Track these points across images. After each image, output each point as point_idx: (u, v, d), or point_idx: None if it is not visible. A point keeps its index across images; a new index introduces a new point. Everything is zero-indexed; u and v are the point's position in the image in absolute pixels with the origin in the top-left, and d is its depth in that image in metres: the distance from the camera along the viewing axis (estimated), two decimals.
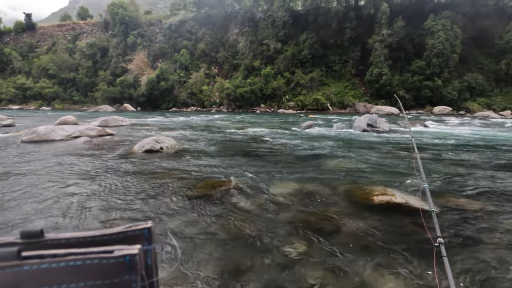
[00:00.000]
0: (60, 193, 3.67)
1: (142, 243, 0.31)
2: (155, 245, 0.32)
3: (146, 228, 0.32)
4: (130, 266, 0.27)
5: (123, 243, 0.30)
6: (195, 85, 37.78)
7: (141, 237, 0.31)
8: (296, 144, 8.03)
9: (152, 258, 0.32)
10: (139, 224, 0.32)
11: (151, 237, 0.32)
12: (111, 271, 0.27)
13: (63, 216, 2.97)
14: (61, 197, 3.52)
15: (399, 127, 12.68)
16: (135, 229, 0.31)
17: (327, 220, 2.94)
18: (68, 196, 3.55)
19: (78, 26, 51.55)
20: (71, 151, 6.52)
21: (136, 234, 0.31)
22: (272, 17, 38.43)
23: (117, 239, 0.31)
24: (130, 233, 0.31)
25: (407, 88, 31.27)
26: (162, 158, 5.92)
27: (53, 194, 3.61)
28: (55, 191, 3.73)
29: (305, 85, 34.50)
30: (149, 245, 0.32)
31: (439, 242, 1.63)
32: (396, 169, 5.05)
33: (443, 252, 1.56)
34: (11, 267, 0.26)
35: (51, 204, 3.30)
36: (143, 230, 0.31)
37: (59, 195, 3.60)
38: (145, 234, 0.31)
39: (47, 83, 42.77)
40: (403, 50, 32.63)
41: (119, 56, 42.85)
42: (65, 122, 11.38)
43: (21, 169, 4.84)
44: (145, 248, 0.31)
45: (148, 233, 0.32)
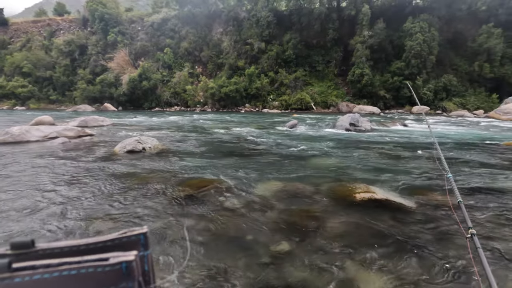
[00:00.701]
0: (36, 198, 3.52)
1: (139, 249, 0.30)
2: (151, 251, 0.31)
3: (141, 233, 0.31)
4: (127, 273, 0.27)
5: (119, 250, 0.29)
6: (179, 85, 37.19)
7: (137, 243, 0.30)
8: (280, 143, 8.08)
9: (149, 263, 0.31)
10: (134, 229, 0.31)
11: (147, 242, 0.31)
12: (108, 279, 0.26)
13: (39, 224, 2.84)
14: (36, 203, 3.37)
15: (380, 126, 13.04)
16: (131, 235, 0.30)
17: (311, 218, 2.98)
18: (44, 202, 3.40)
19: (54, 22, 49.46)
20: (47, 153, 6.26)
21: (132, 240, 0.30)
22: (256, 17, 38.44)
23: (112, 246, 0.30)
24: (126, 239, 0.30)
25: (387, 88, 32.19)
26: (145, 158, 5.79)
27: (28, 200, 3.45)
28: (30, 197, 3.57)
29: (289, 84, 34.79)
30: (146, 251, 0.31)
31: (471, 233, 1.55)
32: (377, 167, 5.19)
33: (477, 243, 1.47)
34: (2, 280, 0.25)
35: (25, 211, 3.15)
36: (138, 235, 0.31)
37: (35, 200, 3.44)
38: (141, 239, 0.31)
39: (21, 82, 40.73)
40: (383, 51, 33.56)
41: (99, 54, 41.50)
42: (41, 123, 10.90)
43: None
44: (142, 254, 0.30)
45: (144, 238, 0.31)
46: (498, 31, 29.75)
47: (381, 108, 30.72)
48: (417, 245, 2.47)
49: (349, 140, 8.84)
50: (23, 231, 2.63)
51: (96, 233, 2.64)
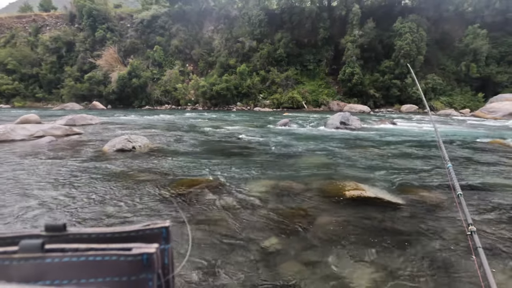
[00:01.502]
0: (21, 199, 3.43)
1: (160, 242, 0.31)
2: (172, 245, 0.32)
3: (164, 227, 0.32)
4: (148, 265, 0.28)
5: (142, 241, 0.30)
6: (169, 83, 36.79)
7: (159, 236, 0.31)
8: (271, 142, 8.11)
9: (169, 257, 0.32)
10: (158, 222, 0.32)
11: (168, 236, 0.32)
12: (129, 268, 0.27)
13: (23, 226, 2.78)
14: (21, 204, 3.30)
15: (370, 125, 13.22)
16: (153, 228, 0.31)
17: (301, 216, 3.01)
18: (30, 203, 3.33)
19: (40, 18, 48.12)
20: (34, 152, 6.11)
21: (154, 232, 0.31)
22: (247, 15, 38.33)
23: (136, 237, 0.31)
24: (149, 232, 0.31)
25: (377, 87, 32.65)
26: (135, 157, 5.72)
27: (12, 202, 3.37)
28: (15, 198, 3.48)
29: (281, 83, 34.88)
30: (167, 244, 0.32)
31: (471, 231, 1.45)
32: (367, 165, 5.26)
33: (477, 243, 1.38)
34: (35, 259, 0.26)
35: (9, 213, 3.08)
36: (161, 229, 0.31)
37: (19, 202, 3.36)
38: (163, 233, 0.32)
39: (5, 79, 39.51)
40: (373, 50, 33.99)
41: (87, 51, 40.64)
42: (27, 121, 10.62)
43: None
44: (163, 247, 0.31)
45: (166, 232, 0.32)
46: (483, 32, 30.53)
47: (371, 107, 31.15)
48: (406, 241, 2.53)
49: (339, 138, 8.93)
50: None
51: None
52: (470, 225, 1.47)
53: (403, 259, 2.25)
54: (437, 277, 2.05)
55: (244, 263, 2.20)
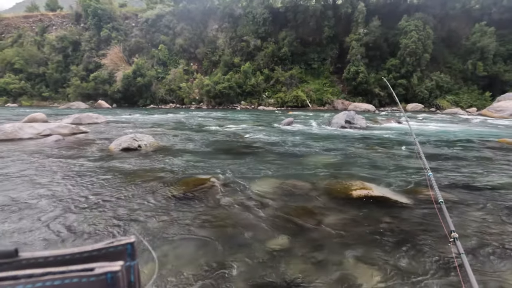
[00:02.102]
0: (28, 197, 3.47)
1: (125, 259, 0.29)
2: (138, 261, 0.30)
3: (129, 243, 0.30)
4: (112, 284, 0.26)
5: (105, 259, 0.28)
6: (174, 82, 36.91)
7: (123, 253, 0.30)
8: (276, 140, 8.09)
9: (135, 274, 0.31)
10: (122, 239, 0.30)
11: (134, 252, 0.30)
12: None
13: (30, 225, 2.81)
14: (29, 201, 3.34)
15: (375, 124, 13.13)
16: (117, 245, 0.30)
17: (308, 215, 3.00)
18: (37, 200, 3.36)
19: (46, 17, 48.59)
20: (41, 151, 6.18)
21: (119, 249, 0.30)
22: (252, 14, 38.27)
23: (98, 256, 0.29)
24: (112, 249, 0.30)
25: (382, 85, 32.38)
26: (141, 156, 5.75)
27: (20, 199, 3.41)
28: (22, 195, 3.52)
29: (285, 82, 34.78)
30: (132, 261, 0.30)
31: (453, 237, 1.47)
32: (373, 164, 5.23)
33: (460, 249, 1.39)
34: None
35: (17, 210, 3.11)
36: (125, 245, 0.30)
37: (27, 199, 3.40)
38: (128, 249, 0.30)
39: (13, 78, 39.99)
40: (378, 49, 33.71)
41: (92, 51, 40.95)
42: (34, 120, 10.73)
43: None
44: (128, 264, 0.29)
45: (131, 248, 0.30)
46: (491, 30, 30.07)
47: (376, 105, 30.95)
48: (414, 241, 2.50)
49: (344, 137, 8.89)
50: (14, 230, 2.60)
51: (89, 232, 2.62)
52: (453, 232, 1.49)
53: (411, 259, 2.23)
54: (443, 278, 2.03)
55: (250, 262, 2.20)
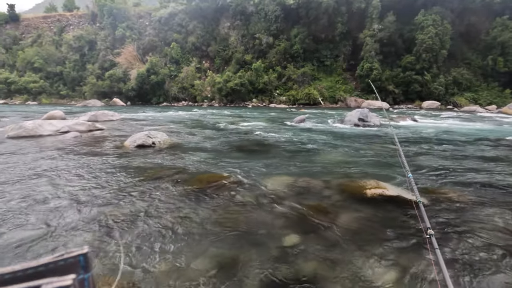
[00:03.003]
0: (48, 190, 3.61)
1: (77, 272, 0.28)
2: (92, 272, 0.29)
3: (81, 254, 0.28)
4: None
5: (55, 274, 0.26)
6: (186, 79, 37.30)
7: (75, 266, 0.28)
8: (288, 138, 8.07)
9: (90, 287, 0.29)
10: (73, 251, 0.28)
11: (87, 264, 0.28)
12: None
13: (50, 216, 2.92)
14: (48, 194, 3.46)
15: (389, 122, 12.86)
16: (68, 257, 0.28)
17: (321, 213, 2.98)
18: (56, 193, 3.49)
19: (64, 17, 49.98)
20: (60, 147, 6.39)
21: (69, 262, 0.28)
22: (264, 11, 38.11)
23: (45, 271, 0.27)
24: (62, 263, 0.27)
25: (397, 82, 31.68)
26: (155, 153, 5.86)
27: (40, 192, 3.55)
28: (42, 189, 3.66)
29: (297, 79, 34.54)
30: (86, 273, 0.28)
31: (429, 234, 1.64)
32: (387, 162, 5.14)
33: (434, 244, 1.56)
34: None
35: (37, 202, 3.24)
36: (77, 257, 0.28)
37: (47, 192, 3.53)
38: (80, 261, 0.28)
39: (33, 77, 41.43)
40: (393, 45, 32.94)
41: (108, 49, 41.87)
42: (53, 117, 11.11)
43: (7, 165, 4.72)
44: (81, 277, 0.28)
45: (84, 260, 0.28)
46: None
47: (390, 103, 30.30)
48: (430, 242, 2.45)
49: (358, 135, 8.76)
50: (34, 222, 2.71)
51: (102, 226, 2.69)
52: (429, 229, 1.66)
53: (427, 260, 2.18)
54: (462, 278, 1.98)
55: (263, 259, 2.21)
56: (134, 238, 2.47)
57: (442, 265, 1.41)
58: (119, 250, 2.28)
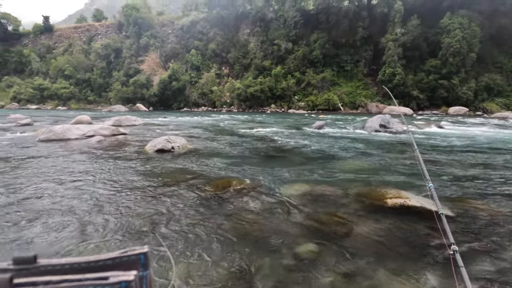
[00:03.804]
0: (73, 192, 3.76)
1: (138, 269, 0.30)
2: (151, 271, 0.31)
3: (142, 253, 0.31)
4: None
5: (119, 268, 0.29)
6: (206, 85, 38.08)
7: (136, 263, 0.30)
8: (307, 144, 7.96)
9: (147, 284, 0.31)
10: (135, 249, 0.31)
11: (147, 262, 0.31)
12: None
13: (75, 216, 3.03)
14: (73, 196, 3.60)
15: (413, 128, 12.40)
16: (131, 254, 0.30)
17: (339, 222, 2.89)
18: (80, 195, 3.62)
19: (93, 27, 52.88)
20: (85, 150, 6.67)
21: (132, 259, 0.30)
22: (283, 17, 38.33)
23: (112, 265, 0.30)
24: (126, 259, 0.30)
25: (421, 88, 30.59)
26: (174, 157, 5.98)
27: (66, 193, 3.70)
28: (68, 190, 3.82)
29: (316, 85, 34.26)
30: (145, 271, 0.31)
31: (453, 250, 1.52)
32: (410, 171, 4.92)
33: (459, 262, 1.44)
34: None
35: (63, 202, 3.38)
36: (138, 255, 0.30)
37: (72, 194, 3.68)
38: (141, 259, 0.30)
39: (64, 84, 43.99)
40: (417, 49, 31.93)
41: (132, 57, 43.71)
42: (80, 122, 11.66)
43: (38, 168, 4.98)
44: (141, 274, 0.30)
45: (144, 258, 0.31)
46: None
47: (414, 109, 29.27)
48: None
49: (379, 142, 8.50)
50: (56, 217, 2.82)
51: (121, 226, 2.75)
52: (453, 245, 1.55)
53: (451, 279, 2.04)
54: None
55: (278, 268, 2.17)
56: (150, 241, 2.51)
57: (468, 285, 1.32)
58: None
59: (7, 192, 3.65)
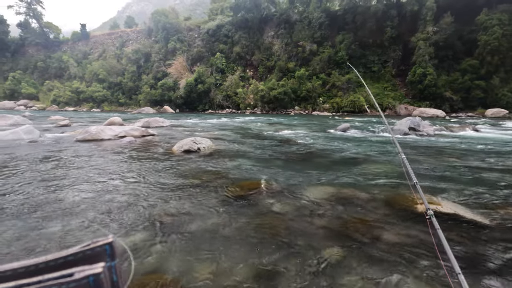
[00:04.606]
0: (108, 188, 3.99)
1: (105, 260, 0.29)
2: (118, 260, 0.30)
3: (107, 243, 0.30)
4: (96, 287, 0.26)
5: (84, 263, 0.27)
6: (230, 88, 38.63)
7: (102, 254, 0.29)
8: (331, 147, 7.84)
9: (118, 274, 0.30)
10: (99, 240, 0.30)
11: (113, 252, 0.30)
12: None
13: (108, 210, 3.22)
14: (108, 191, 3.83)
15: (445, 131, 11.76)
16: (95, 247, 0.29)
17: (365, 227, 2.83)
18: (114, 191, 3.84)
19: (125, 33, 55.68)
20: (118, 150, 7.04)
21: (96, 251, 0.29)
22: (308, 19, 38.00)
23: (75, 260, 0.28)
24: (90, 252, 0.29)
25: (455, 89, 28.92)
26: (199, 158, 6.14)
27: (101, 189, 3.94)
28: (102, 186, 4.06)
29: (342, 86, 33.55)
30: (113, 261, 0.30)
31: (429, 214, 1.73)
32: (442, 176, 4.69)
33: (436, 225, 1.63)
34: None
35: (97, 198, 3.60)
36: (103, 246, 0.29)
37: (107, 190, 3.91)
38: (107, 250, 0.29)
39: (98, 87, 46.72)
40: (451, 48, 30.26)
41: (161, 61, 45.41)
42: (113, 123, 12.31)
43: (76, 166, 5.35)
44: (109, 264, 0.29)
45: (110, 248, 0.30)
46: None
47: (447, 111, 27.73)
48: (494, 270, 2.17)
49: (408, 145, 8.16)
50: (92, 211, 3.01)
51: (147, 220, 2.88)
52: (428, 210, 1.76)
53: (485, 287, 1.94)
54: None
55: (302, 270, 2.16)
56: (176, 239, 2.60)
57: (445, 244, 1.38)
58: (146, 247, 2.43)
59: (52, 187, 3.96)
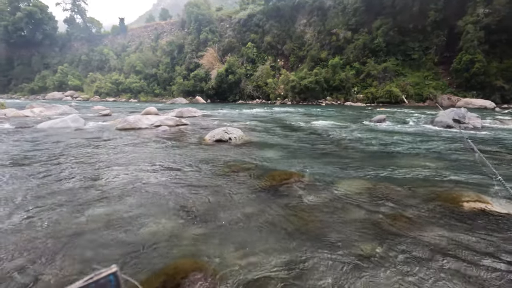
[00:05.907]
0: (146, 174, 4.20)
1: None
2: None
3: (111, 273, 0.27)
4: None
5: None
6: (261, 78, 38.41)
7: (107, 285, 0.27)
8: (366, 139, 7.53)
9: None
10: (102, 271, 0.27)
11: (118, 282, 0.27)
12: None
13: (145, 196, 3.39)
14: (145, 178, 4.03)
15: (495, 124, 10.72)
16: (98, 279, 0.27)
17: (403, 224, 2.69)
18: (150, 177, 4.04)
19: (160, 26, 57.45)
20: (154, 139, 7.38)
21: (100, 283, 0.26)
22: (342, 4, 36.26)
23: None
24: (93, 285, 0.26)
25: (508, 77, 26.11)
26: (231, 148, 6.23)
27: (141, 175, 4.15)
28: (141, 172, 4.28)
29: (377, 76, 31.82)
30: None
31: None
32: (490, 173, 4.30)
33: None
34: None
35: (137, 184, 3.80)
36: (107, 277, 0.27)
37: (145, 175, 4.12)
38: (111, 281, 0.27)
39: (135, 79, 49.08)
40: (505, 32, 27.17)
41: (193, 52, 46.30)
42: (149, 113, 12.89)
43: (117, 152, 5.70)
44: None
45: (114, 279, 0.27)
46: None
47: (497, 102, 25.19)
48: None
49: (451, 139, 7.58)
50: (135, 197, 3.19)
51: (181, 208, 2.98)
52: None
53: None
54: None
55: (335, 263, 2.12)
56: (209, 228, 2.68)
57: None
58: None
59: (98, 170, 4.26)
